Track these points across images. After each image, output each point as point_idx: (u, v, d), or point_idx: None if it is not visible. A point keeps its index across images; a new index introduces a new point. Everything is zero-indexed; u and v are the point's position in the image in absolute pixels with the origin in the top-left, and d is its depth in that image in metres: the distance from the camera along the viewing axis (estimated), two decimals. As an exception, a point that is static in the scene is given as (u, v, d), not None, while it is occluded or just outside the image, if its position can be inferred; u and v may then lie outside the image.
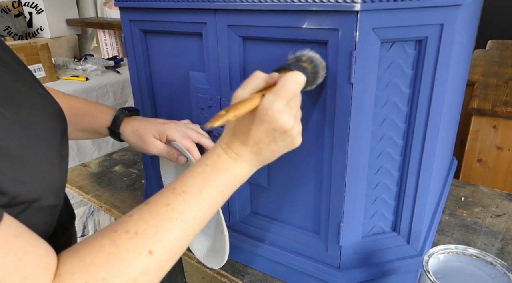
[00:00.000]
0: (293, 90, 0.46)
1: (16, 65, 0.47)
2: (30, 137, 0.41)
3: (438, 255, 0.57)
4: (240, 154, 0.49)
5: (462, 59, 0.75)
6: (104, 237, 0.41)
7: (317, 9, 0.51)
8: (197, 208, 0.46)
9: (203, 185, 0.47)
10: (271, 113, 0.45)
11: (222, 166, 0.48)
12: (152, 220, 0.43)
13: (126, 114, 0.71)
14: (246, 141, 0.48)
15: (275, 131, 0.47)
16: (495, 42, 2.53)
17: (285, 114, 0.46)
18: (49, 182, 0.44)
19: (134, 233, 0.41)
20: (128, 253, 0.40)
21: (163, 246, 0.42)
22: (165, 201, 0.45)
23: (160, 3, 0.65)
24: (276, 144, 0.48)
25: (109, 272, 0.38)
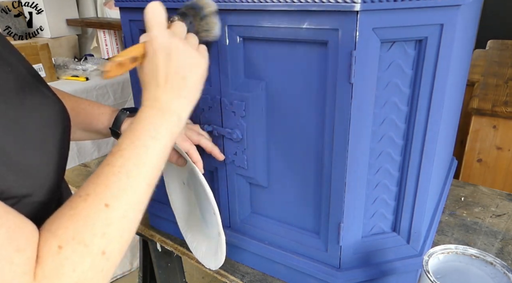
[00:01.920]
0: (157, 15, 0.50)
1: (20, 66, 0.48)
2: (28, 134, 0.42)
3: (438, 255, 0.57)
4: (158, 98, 0.50)
5: (462, 59, 0.75)
6: (63, 208, 0.43)
7: (317, 9, 0.51)
8: (134, 156, 0.46)
9: (134, 137, 0.48)
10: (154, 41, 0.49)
11: (147, 117, 0.49)
12: (98, 180, 0.45)
13: (127, 115, 0.71)
14: (156, 81, 0.50)
15: (169, 54, 0.49)
16: (495, 42, 2.53)
17: (167, 35, 0.49)
18: (42, 179, 0.45)
19: (86, 195, 0.43)
20: (87, 210, 0.42)
21: (116, 197, 0.44)
22: (105, 163, 0.46)
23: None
24: (183, 69, 0.50)
25: (76, 230, 0.40)
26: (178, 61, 0.49)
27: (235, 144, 0.68)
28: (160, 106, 0.49)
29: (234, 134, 0.67)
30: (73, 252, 0.39)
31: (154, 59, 0.49)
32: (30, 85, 0.47)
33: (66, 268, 0.39)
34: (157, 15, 0.50)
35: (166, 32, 0.50)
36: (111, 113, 0.72)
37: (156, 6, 0.50)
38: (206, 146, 0.69)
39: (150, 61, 0.50)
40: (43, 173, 0.45)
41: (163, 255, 1.03)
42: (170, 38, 0.49)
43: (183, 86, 0.50)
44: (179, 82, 0.50)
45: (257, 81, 0.62)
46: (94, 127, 0.72)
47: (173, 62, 0.49)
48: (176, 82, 0.50)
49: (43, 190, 0.45)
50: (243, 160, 0.68)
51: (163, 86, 0.49)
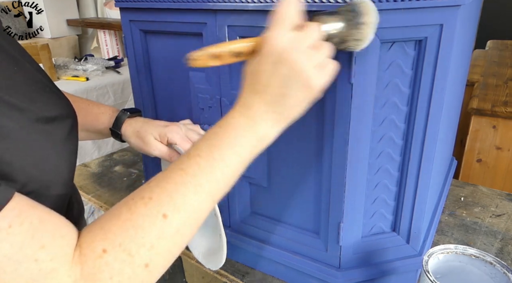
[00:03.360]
0: (290, 14, 0.42)
1: (28, 64, 0.47)
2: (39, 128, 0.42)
3: (437, 255, 0.57)
4: (250, 105, 0.44)
5: (462, 59, 0.75)
6: (123, 205, 0.41)
7: (317, 9, 0.51)
8: (209, 170, 0.43)
9: (215, 147, 0.44)
10: (269, 42, 0.41)
11: (234, 123, 0.45)
12: (167, 184, 0.42)
13: (128, 115, 0.71)
14: (254, 86, 0.44)
15: (278, 64, 0.42)
16: (495, 42, 2.53)
17: (284, 41, 0.41)
18: (57, 171, 0.45)
19: (149, 199, 0.41)
20: (143, 218, 0.40)
21: (178, 210, 0.41)
22: (179, 166, 0.43)
23: (160, 3, 0.65)
24: (286, 86, 0.42)
25: (125, 238, 0.39)
26: (285, 75, 0.42)
27: (235, 144, 0.68)
28: (251, 116, 0.44)
29: (234, 134, 0.67)
30: (115, 260, 0.38)
31: (261, 62, 0.43)
32: (38, 83, 0.46)
33: (104, 274, 0.37)
34: (286, 12, 0.42)
35: (288, 35, 0.42)
36: (112, 113, 0.72)
37: (290, 2, 0.42)
38: (206, 146, 0.69)
39: (256, 62, 0.43)
40: (57, 166, 0.45)
41: (163, 255, 1.03)
42: (289, 44, 0.41)
43: (280, 104, 0.44)
44: (278, 97, 0.43)
45: (257, 81, 0.62)
46: (94, 127, 0.72)
47: (279, 74, 0.42)
48: (274, 97, 0.43)
49: (60, 183, 0.45)
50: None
51: (260, 95, 0.44)
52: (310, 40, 0.43)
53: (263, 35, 0.43)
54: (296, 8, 0.43)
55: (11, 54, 0.45)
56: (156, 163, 0.81)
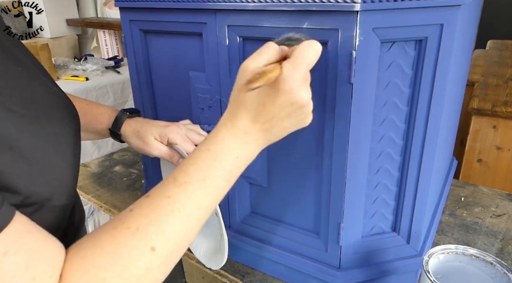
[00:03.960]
0: (312, 60, 0.43)
1: (32, 65, 0.47)
2: (44, 137, 0.41)
3: (438, 255, 0.57)
4: (248, 132, 0.45)
5: (462, 59, 0.75)
6: (105, 233, 0.39)
7: (317, 9, 0.51)
8: (200, 198, 0.43)
9: (206, 173, 0.43)
10: (290, 85, 0.42)
11: (226, 148, 0.44)
12: (153, 214, 0.41)
13: (128, 116, 0.71)
14: (258, 117, 0.44)
15: (292, 105, 0.43)
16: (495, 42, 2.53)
17: (304, 86, 0.43)
18: (61, 182, 0.43)
19: (135, 229, 0.39)
20: (130, 251, 0.38)
21: (166, 241, 0.40)
22: (166, 193, 0.42)
23: (160, 3, 0.65)
24: (289, 120, 0.45)
25: (110, 272, 0.37)
26: (292, 114, 0.44)
27: (235, 144, 0.68)
28: (245, 141, 0.45)
29: (234, 134, 0.67)
30: None
31: (276, 97, 0.43)
32: (42, 85, 0.46)
33: None
34: (312, 57, 0.43)
35: (305, 83, 0.44)
36: (111, 113, 0.72)
37: (317, 48, 0.43)
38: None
39: (270, 95, 0.43)
40: (62, 175, 0.43)
41: (163, 255, 1.03)
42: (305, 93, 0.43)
43: (276, 137, 0.47)
44: (276, 129, 0.45)
45: (257, 81, 0.62)
46: (93, 127, 0.72)
47: (287, 112, 0.44)
48: (272, 128, 0.45)
49: (63, 193, 0.44)
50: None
51: (260, 124, 0.45)
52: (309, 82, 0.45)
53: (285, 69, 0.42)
54: (318, 55, 0.44)
55: (16, 55, 0.44)
56: (156, 163, 0.81)
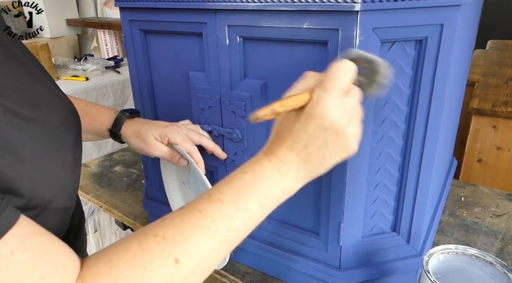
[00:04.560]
0: (343, 80, 0.42)
1: (33, 66, 0.46)
2: (45, 139, 0.41)
3: (438, 255, 0.57)
4: (285, 160, 0.43)
5: (462, 59, 0.75)
6: (133, 239, 0.39)
7: (317, 9, 0.51)
8: (231, 218, 0.41)
9: (240, 194, 0.42)
10: (320, 108, 0.41)
11: (263, 174, 0.43)
12: (183, 225, 0.40)
13: (127, 116, 0.71)
14: (293, 144, 0.43)
15: (326, 130, 0.41)
16: (495, 42, 2.53)
17: (337, 109, 0.41)
18: (63, 183, 0.43)
19: (162, 238, 0.39)
20: (153, 258, 0.37)
21: (191, 255, 0.39)
22: (198, 207, 0.41)
23: (160, 3, 0.65)
24: (327, 149, 0.42)
25: (131, 276, 0.36)
26: (327, 142, 0.42)
27: (235, 144, 0.68)
28: (284, 171, 0.44)
29: (234, 134, 0.67)
30: None
31: (306, 123, 0.42)
32: (44, 86, 0.45)
33: None
34: (342, 77, 0.42)
35: (338, 103, 0.42)
36: (111, 114, 0.71)
37: (347, 67, 0.42)
38: (207, 146, 0.69)
39: (301, 121, 0.42)
40: (63, 176, 0.43)
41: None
42: (339, 115, 0.41)
43: (315, 164, 0.44)
44: (315, 159, 0.43)
45: (257, 81, 0.62)
46: (92, 128, 0.72)
47: (322, 140, 0.42)
48: (311, 157, 0.43)
49: (64, 195, 0.44)
50: (243, 160, 0.68)
51: (297, 152, 0.43)
52: (353, 106, 0.43)
53: (315, 93, 0.42)
54: (351, 74, 0.43)
55: (17, 56, 0.44)
56: (156, 163, 0.81)
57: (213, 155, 0.70)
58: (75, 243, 0.55)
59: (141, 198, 1.01)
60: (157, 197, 0.86)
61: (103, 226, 1.41)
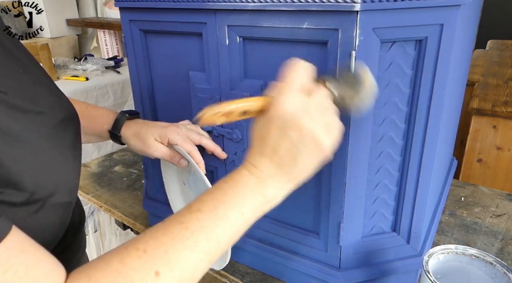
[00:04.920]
0: (297, 79, 0.42)
1: (33, 66, 0.47)
2: (45, 134, 0.42)
3: (438, 255, 0.57)
4: (259, 166, 0.43)
5: (462, 59, 0.75)
6: (116, 253, 0.39)
7: (317, 9, 0.51)
8: (211, 228, 0.41)
9: (219, 202, 0.42)
10: (277, 107, 0.42)
11: (241, 182, 0.43)
12: (163, 238, 0.39)
13: (127, 117, 0.71)
14: (262, 149, 0.43)
15: (287, 129, 0.42)
16: (495, 42, 2.53)
17: (295, 106, 0.41)
18: (63, 179, 0.44)
19: (143, 251, 0.38)
20: (134, 273, 0.37)
21: (171, 268, 0.38)
22: (180, 219, 0.41)
23: (160, 3, 0.65)
24: (296, 148, 0.42)
25: None
26: (294, 139, 0.42)
27: (235, 144, 0.68)
28: (260, 176, 0.43)
29: (234, 134, 0.67)
30: None
31: (268, 126, 0.43)
32: (43, 86, 0.46)
33: None
34: (296, 76, 0.42)
35: (295, 101, 0.42)
36: (110, 115, 0.72)
37: (301, 67, 0.43)
38: (207, 146, 0.69)
39: (263, 125, 0.43)
40: (63, 173, 0.44)
41: (163, 255, 1.03)
42: (295, 111, 0.41)
43: (290, 165, 0.43)
44: (287, 160, 0.43)
45: (257, 81, 0.62)
46: (93, 130, 0.72)
47: (288, 138, 0.42)
48: (283, 159, 0.43)
49: (64, 190, 0.44)
50: (243, 160, 0.68)
51: (269, 157, 0.43)
52: (318, 104, 0.43)
53: (271, 96, 0.43)
54: (308, 72, 0.43)
55: (17, 56, 0.44)
56: (156, 164, 0.81)
57: (213, 155, 0.70)
58: (75, 241, 0.55)
59: (141, 198, 1.01)
60: (157, 197, 0.85)
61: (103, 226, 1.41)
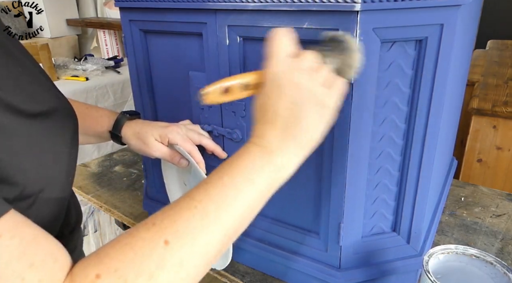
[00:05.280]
0: (281, 46, 0.44)
1: (32, 66, 0.47)
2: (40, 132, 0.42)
3: (438, 255, 0.57)
4: (264, 135, 0.43)
5: (462, 59, 0.75)
6: (125, 232, 0.39)
7: (317, 9, 0.51)
8: (218, 196, 0.40)
9: (226, 174, 0.42)
10: (269, 72, 0.43)
11: (248, 154, 0.43)
12: (171, 210, 0.40)
13: (127, 118, 0.71)
14: (264, 118, 0.43)
15: (282, 87, 0.42)
16: (495, 42, 2.53)
17: (285, 66, 0.43)
18: (55, 174, 0.45)
19: (152, 224, 0.38)
20: (143, 242, 0.37)
21: (180, 236, 0.38)
22: (187, 194, 0.42)
23: (160, 3, 0.65)
24: (299, 109, 0.42)
25: (123, 262, 0.36)
26: (292, 96, 0.42)
27: (235, 144, 0.68)
28: (265, 145, 0.43)
29: (234, 134, 0.67)
30: None
31: (265, 93, 0.44)
32: (42, 85, 0.46)
33: None
34: (281, 43, 0.44)
35: (285, 62, 0.43)
36: (111, 116, 0.72)
37: (282, 34, 0.44)
38: (207, 146, 0.69)
39: (262, 94, 0.44)
40: (56, 167, 0.45)
41: (163, 255, 1.03)
42: (287, 69, 0.43)
43: (294, 127, 0.42)
44: (290, 120, 0.42)
45: (257, 81, 0.62)
46: (93, 130, 0.72)
47: (285, 97, 0.42)
48: (286, 121, 0.42)
49: (56, 185, 0.45)
50: None
51: (271, 123, 0.43)
52: (308, 63, 0.44)
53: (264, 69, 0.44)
54: (290, 38, 0.45)
55: (16, 55, 0.45)
56: (156, 163, 0.81)
57: (213, 155, 0.70)
58: (71, 239, 0.56)
59: (141, 198, 1.01)
60: (157, 197, 0.85)
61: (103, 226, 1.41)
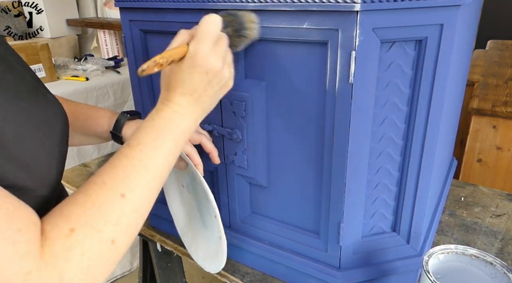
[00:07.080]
0: (212, 31, 0.50)
1: (19, 66, 0.48)
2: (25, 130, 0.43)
3: (438, 255, 0.57)
4: (182, 104, 0.51)
5: (462, 59, 0.75)
6: (76, 194, 0.43)
7: (317, 9, 0.51)
8: (154, 155, 0.48)
9: (156, 136, 0.49)
10: (199, 57, 0.50)
11: (168, 118, 0.51)
12: (115, 170, 0.46)
13: (128, 118, 0.71)
14: (184, 90, 0.51)
15: (207, 74, 0.51)
16: (495, 42, 2.53)
17: (213, 56, 0.50)
18: (44, 174, 0.46)
19: (102, 183, 0.44)
20: (103, 198, 0.43)
21: (133, 189, 0.45)
22: (123, 154, 0.47)
23: (160, 3, 0.65)
24: (212, 88, 0.52)
25: (90, 216, 0.41)
26: (213, 82, 0.52)
27: (235, 144, 0.68)
28: (182, 112, 0.52)
29: (234, 134, 0.67)
30: (85, 237, 0.40)
31: (192, 72, 0.51)
32: (28, 84, 0.47)
33: (75, 251, 0.39)
34: (211, 28, 0.51)
35: (214, 52, 0.51)
36: (111, 116, 0.72)
37: (213, 19, 0.51)
38: (206, 146, 0.69)
39: (185, 70, 0.51)
40: (45, 168, 0.46)
41: (163, 255, 1.03)
42: (216, 61, 0.51)
43: (205, 101, 0.53)
44: (204, 97, 0.52)
45: (257, 81, 0.62)
46: (93, 131, 0.72)
47: (207, 82, 0.51)
48: (202, 97, 0.52)
49: (46, 185, 0.46)
50: (243, 160, 0.68)
51: (189, 96, 0.51)
52: (223, 50, 0.53)
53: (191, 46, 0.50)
54: (217, 25, 0.52)
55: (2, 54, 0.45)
56: (156, 163, 0.81)
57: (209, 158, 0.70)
58: None
59: (141, 198, 1.01)
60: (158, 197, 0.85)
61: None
